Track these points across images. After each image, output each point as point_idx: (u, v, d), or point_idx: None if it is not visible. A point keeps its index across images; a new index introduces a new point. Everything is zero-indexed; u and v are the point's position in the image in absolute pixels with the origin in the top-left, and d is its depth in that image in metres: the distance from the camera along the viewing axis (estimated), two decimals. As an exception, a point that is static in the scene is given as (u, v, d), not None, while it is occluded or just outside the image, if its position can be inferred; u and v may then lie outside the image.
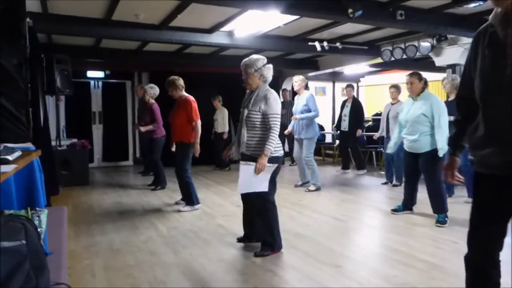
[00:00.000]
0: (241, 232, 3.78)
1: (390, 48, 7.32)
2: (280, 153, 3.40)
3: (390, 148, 4.80)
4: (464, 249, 1.82)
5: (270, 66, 3.45)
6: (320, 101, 11.86)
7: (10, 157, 1.62)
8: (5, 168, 1.45)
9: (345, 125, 8.04)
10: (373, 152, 9.12)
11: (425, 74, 4.60)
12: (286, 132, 6.61)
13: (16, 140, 2.94)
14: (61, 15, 5.54)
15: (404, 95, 7.93)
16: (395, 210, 4.74)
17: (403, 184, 5.14)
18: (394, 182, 6.63)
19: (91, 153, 8.54)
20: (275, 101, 3.33)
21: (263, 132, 3.31)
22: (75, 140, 7.46)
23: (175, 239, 3.87)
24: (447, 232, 3.97)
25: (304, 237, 3.90)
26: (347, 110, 8.00)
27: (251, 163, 3.26)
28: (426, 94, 4.39)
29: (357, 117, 7.91)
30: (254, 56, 3.43)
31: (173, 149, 5.16)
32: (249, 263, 3.22)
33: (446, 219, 4.23)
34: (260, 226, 3.46)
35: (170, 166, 5.68)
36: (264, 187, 3.29)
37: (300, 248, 3.56)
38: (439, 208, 4.28)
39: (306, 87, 6.54)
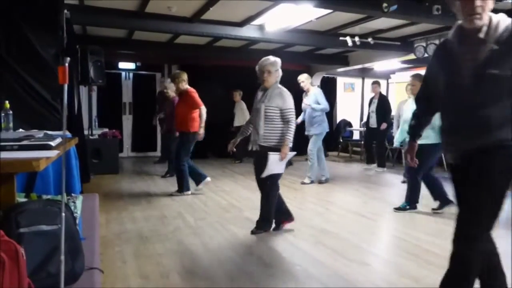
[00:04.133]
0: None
1: (424, 44, 7.09)
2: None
3: (396, 141, 5.42)
4: (503, 253, 1.76)
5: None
6: (348, 98, 11.78)
7: (52, 143, 1.66)
8: (48, 153, 1.49)
9: (372, 122, 8.13)
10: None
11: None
12: (297, 121, 6.95)
13: (52, 128, 3.03)
14: (96, 7, 5.65)
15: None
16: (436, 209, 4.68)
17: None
18: None
19: (120, 143, 8.70)
20: (290, 97, 3.74)
21: (280, 125, 3.69)
22: (106, 129, 7.63)
23: (202, 230, 3.91)
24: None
25: (331, 233, 3.87)
26: (373, 107, 8.12)
27: (278, 153, 3.64)
28: None
29: (383, 113, 7.94)
30: (272, 58, 3.77)
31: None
32: (277, 257, 3.23)
33: (407, 207, 4.71)
34: (263, 204, 3.82)
35: (198, 158, 5.78)
36: (282, 169, 3.78)
37: (328, 244, 3.53)
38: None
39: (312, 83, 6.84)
